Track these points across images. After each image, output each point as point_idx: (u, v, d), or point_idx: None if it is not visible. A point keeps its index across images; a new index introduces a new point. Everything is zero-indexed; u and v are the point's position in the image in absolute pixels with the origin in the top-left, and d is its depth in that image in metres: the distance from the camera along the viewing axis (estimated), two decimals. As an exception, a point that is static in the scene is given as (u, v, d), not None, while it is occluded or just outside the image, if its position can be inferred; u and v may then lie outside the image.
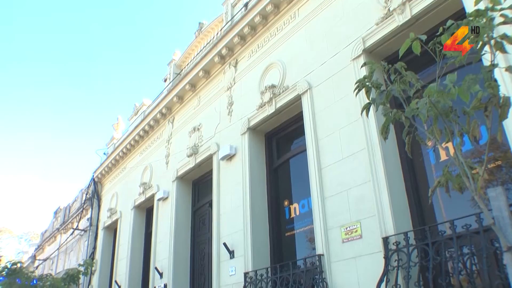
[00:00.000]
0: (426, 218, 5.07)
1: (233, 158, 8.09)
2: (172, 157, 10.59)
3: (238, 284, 7.03)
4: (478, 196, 2.09)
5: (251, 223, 7.12)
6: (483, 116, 2.24)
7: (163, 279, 9.62)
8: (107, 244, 14.39)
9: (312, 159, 6.24)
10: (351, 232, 5.37)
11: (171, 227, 9.79)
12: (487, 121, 2.06)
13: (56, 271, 18.02)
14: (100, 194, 15.62)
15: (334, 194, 5.76)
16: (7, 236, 47.05)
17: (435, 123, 2.16)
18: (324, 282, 5.45)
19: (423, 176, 5.27)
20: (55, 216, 22.33)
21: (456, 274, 4.14)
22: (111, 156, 14.54)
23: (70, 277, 11.37)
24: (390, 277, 4.70)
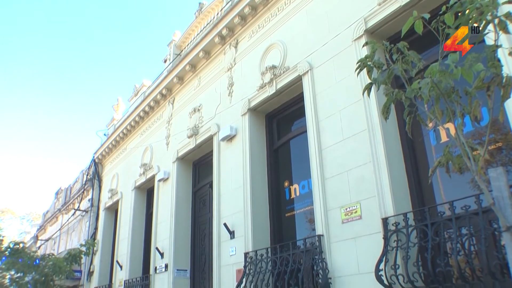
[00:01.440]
0: (425, 200, 5.09)
1: (233, 139, 8.09)
2: (173, 138, 10.59)
3: (238, 264, 7.11)
4: (478, 177, 2.09)
5: (252, 203, 7.16)
6: (485, 97, 2.23)
7: (164, 259, 9.72)
8: (108, 224, 14.50)
9: (312, 140, 6.24)
10: (351, 213, 5.40)
11: (172, 207, 9.85)
12: (489, 101, 2.05)
13: (58, 251, 18.20)
14: (100, 175, 15.67)
15: (334, 175, 5.77)
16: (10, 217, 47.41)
17: (436, 104, 2.15)
18: (324, 262, 5.50)
19: (423, 158, 5.28)
20: (57, 197, 22.45)
21: (455, 255, 4.17)
22: (111, 137, 14.54)
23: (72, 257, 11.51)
24: (389, 257, 4.74)
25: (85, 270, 14.66)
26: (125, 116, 14.00)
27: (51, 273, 11.44)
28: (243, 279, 6.69)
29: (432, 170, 2.38)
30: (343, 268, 5.34)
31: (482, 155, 2.06)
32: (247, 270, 6.72)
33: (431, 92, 2.06)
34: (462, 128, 2.26)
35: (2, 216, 46.76)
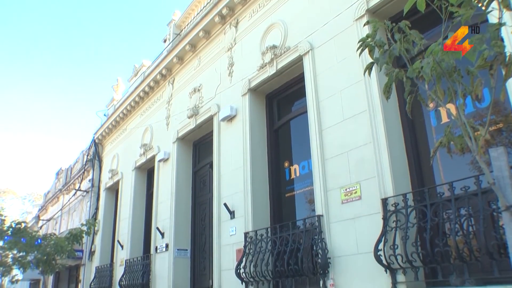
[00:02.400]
0: (425, 180, 5.10)
1: (233, 119, 8.07)
2: (173, 118, 10.56)
3: (238, 243, 7.17)
4: (479, 156, 2.08)
5: (252, 184, 7.18)
6: (486, 78, 2.21)
7: (165, 239, 9.80)
8: (109, 204, 14.58)
9: (312, 120, 6.22)
10: (351, 193, 5.42)
11: (172, 188, 9.89)
12: (492, 80, 2.03)
13: (59, 231, 18.36)
14: (101, 155, 15.69)
15: (334, 156, 5.77)
16: (11, 197, 47.70)
17: (438, 83, 2.13)
18: (323, 242, 5.54)
19: (423, 138, 5.27)
20: (57, 177, 22.53)
21: (453, 235, 4.20)
22: (111, 117, 14.51)
23: (73, 237, 11.63)
24: (388, 237, 4.77)
25: (87, 250, 14.80)
26: (125, 97, 13.94)
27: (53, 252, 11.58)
28: (243, 258, 6.76)
29: (433, 151, 2.38)
30: (342, 248, 5.38)
31: (483, 135, 2.05)
32: (247, 249, 6.78)
33: (433, 71, 2.04)
34: (463, 108, 2.25)
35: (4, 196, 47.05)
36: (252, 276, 6.50)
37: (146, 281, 10.09)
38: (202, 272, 9.11)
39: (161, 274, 9.68)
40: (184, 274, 9.33)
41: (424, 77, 2.17)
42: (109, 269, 12.81)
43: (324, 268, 5.42)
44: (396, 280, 4.66)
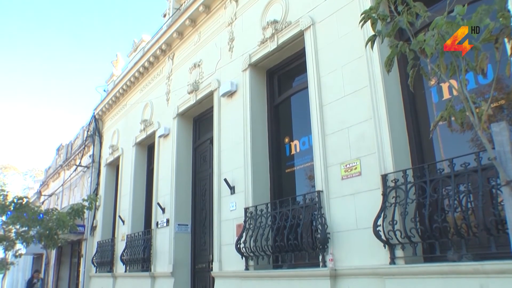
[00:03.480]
0: (425, 157, 5.10)
1: (234, 94, 8.03)
2: (173, 94, 10.51)
3: (238, 219, 7.22)
4: (481, 131, 2.07)
5: (252, 159, 7.19)
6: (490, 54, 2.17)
7: (165, 214, 9.88)
8: (109, 180, 14.64)
9: (313, 96, 6.19)
10: (351, 169, 5.43)
11: (173, 163, 9.91)
12: (497, 54, 2.00)
13: (61, 206, 18.48)
14: (101, 131, 15.68)
15: (335, 132, 5.76)
16: (13, 173, 47.91)
17: (441, 57, 2.09)
18: (323, 218, 5.58)
19: (424, 115, 5.25)
20: (58, 153, 22.57)
21: (452, 211, 4.22)
22: (111, 93, 14.44)
23: (75, 212, 11.72)
24: (387, 213, 4.80)
25: (88, 225, 14.94)
26: (124, 72, 13.84)
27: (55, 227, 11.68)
28: (243, 233, 6.82)
29: (433, 125, 2.36)
30: (342, 224, 5.42)
31: (486, 109, 2.03)
32: (247, 224, 6.83)
33: (437, 44, 2.00)
34: (466, 83, 2.22)
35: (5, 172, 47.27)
36: (252, 251, 6.57)
37: (147, 256, 10.21)
38: (203, 247, 9.21)
39: (162, 249, 9.80)
40: (185, 249, 9.44)
41: (427, 51, 2.14)
42: (111, 244, 12.96)
43: (324, 243, 5.47)
44: (394, 255, 4.70)
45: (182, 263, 9.31)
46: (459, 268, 4.01)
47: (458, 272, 4.02)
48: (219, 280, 7.56)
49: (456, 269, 4.03)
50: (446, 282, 4.11)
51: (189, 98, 9.60)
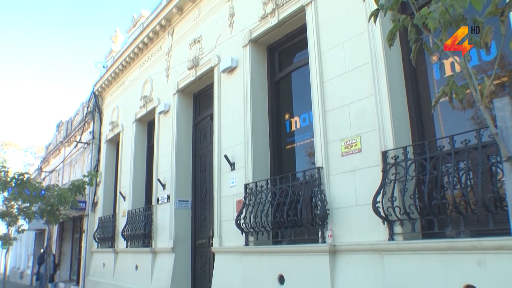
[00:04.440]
0: (426, 134, 5.09)
1: (234, 70, 7.97)
2: (173, 70, 10.44)
3: (238, 195, 7.26)
4: (483, 106, 2.05)
5: (252, 135, 7.19)
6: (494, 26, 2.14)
7: (166, 191, 9.93)
8: (110, 156, 14.68)
9: (314, 72, 6.14)
10: (351, 146, 5.42)
11: (173, 140, 9.92)
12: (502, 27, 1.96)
13: (62, 183, 18.57)
14: (101, 107, 15.64)
15: (336, 108, 5.74)
16: (13, 150, 48.00)
17: (444, 31, 2.06)
18: (323, 194, 5.60)
19: (425, 92, 5.21)
20: (58, 130, 22.55)
21: (451, 188, 4.23)
22: (110, 69, 14.34)
23: (76, 188, 11.77)
24: (387, 190, 4.82)
25: (89, 201, 15.05)
26: (123, 48, 13.71)
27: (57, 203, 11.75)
28: (243, 209, 6.86)
29: (435, 100, 2.34)
30: (341, 200, 5.45)
31: (489, 84, 2.01)
32: (247, 201, 6.88)
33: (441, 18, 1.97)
34: (469, 58, 2.19)
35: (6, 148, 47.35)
36: (252, 227, 6.63)
37: (148, 232, 10.31)
38: (203, 223, 9.29)
39: (162, 225, 9.89)
40: (185, 224, 9.53)
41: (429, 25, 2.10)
42: (112, 220, 13.08)
43: (323, 219, 5.51)
44: (393, 231, 4.74)
45: (183, 238, 9.41)
46: (457, 244, 4.05)
47: (455, 248, 4.06)
48: (219, 256, 7.66)
49: (454, 245, 4.07)
50: (444, 258, 4.15)
51: (189, 74, 9.53)
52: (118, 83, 14.23)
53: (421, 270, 4.34)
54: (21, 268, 27.89)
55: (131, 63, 13.08)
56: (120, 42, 15.96)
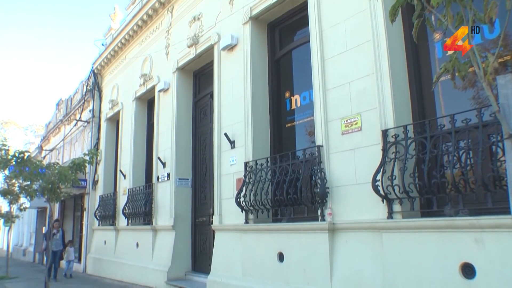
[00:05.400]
0: (426, 113, 5.08)
1: (234, 48, 7.89)
2: (172, 47, 10.34)
3: (238, 173, 7.28)
4: (486, 83, 2.03)
5: (252, 114, 7.16)
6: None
7: (166, 169, 9.96)
8: (110, 135, 14.67)
9: (315, 50, 6.08)
10: (351, 124, 5.41)
11: (173, 118, 9.89)
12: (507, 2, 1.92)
13: (62, 161, 18.59)
14: (100, 85, 15.56)
15: (336, 86, 5.70)
16: (13, 128, 47.91)
17: (448, 6, 2.02)
18: (322, 172, 5.61)
19: (427, 70, 5.17)
20: (58, 108, 22.47)
21: (451, 167, 4.24)
22: (109, 47, 14.21)
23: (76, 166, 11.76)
24: (387, 168, 4.82)
25: (90, 179, 15.10)
26: (122, 26, 13.55)
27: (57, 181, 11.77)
28: (243, 187, 6.89)
29: (436, 77, 2.32)
30: (341, 178, 5.46)
31: (492, 61, 1.98)
32: (247, 179, 6.89)
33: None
34: (472, 35, 2.16)
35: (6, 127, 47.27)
36: (252, 205, 6.67)
37: (149, 210, 10.38)
38: (203, 201, 9.34)
39: (163, 203, 9.95)
40: (186, 202, 9.58)
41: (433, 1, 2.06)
42: (113, 198, 13.16)
43: (323, 197, 5.54)
44: (392, 209, 4.76)
45: (183, 216, 9.47)
46: (455, 223, 4.07)
47: (453, 227, 4.08)
48: (219, 233, 7.72)
49: (452, 223, 4.10)
50: (442, 236, 4.18)
51: (188, 52, 9.44)
52: (117, 61, 14.12)
53: (419, 248, 4.38)
54: (24, 246, 28.18)
55: (130, 40, 12.95)
56: (119, 20, 15.75)
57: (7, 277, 13.90)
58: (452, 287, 4.01)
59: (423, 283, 4.28)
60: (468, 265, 3.93)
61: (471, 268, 3.91)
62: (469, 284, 3.90)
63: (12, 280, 13.01)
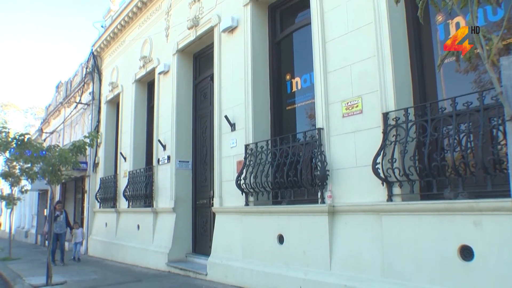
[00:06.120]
0: (428, 96, 5.06)
1: (234, 30, 7.82)
2: (172, 29, 10.25)
3: (239, 155, 7.29)
4: (490, 64, 2.01)
5: (253, 96, 7.14)
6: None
7: (167, 151, 9.97)
8: (110, 117, 14.65)
9: (316, 32, 6.03)
10: (352, 107, 5.39)
11: (173, 100, 9.86)
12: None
13: (63, 144, 18.60)
14: (100, 68, 15.47)
15: (337, 69, 5.67)
16: (13, 111, 47.82)
17: (452, -14, 1.99)
18: (323, 155, 5.62)
19: (429, 53, 5.13)
20: (57, 91, 22.38)
21: (451, 150, 4.24)
22: (109, 29, 14.08)
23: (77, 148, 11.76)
24: (387, 151, 4.82)
25: (91, 162, 15.12)
26: (122, 7, 13.40)
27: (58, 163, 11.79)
28: (243, 170, 6.90)
29: (441, 59, 2.30)
30: (341, 161, 5.47)
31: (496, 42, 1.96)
32: (247, 161, 6.90)
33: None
34: (476, 15, 2.13)
35: (6, 109, 47.18)
36: (252, 187, 6.69)
37: (149, 192, 10.42)
38: (203, 183, 9.37)
39: (163, 185, 9.98)
40: (186, 185, 9.62)
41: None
42: (113, 180, 13.19)
43: (323, 180, 5.55)
44: (392, 192, 4.78)
45: (184, 199, 9.52)
46: (454, 206, 4.09)
47: (453, 210, 4.10)
48: (219, 216, 7.76)
49: (451, 206, 4.12)
50: (441, 219, 4.21)
51: (189, 34, 9.37)
52: (117, 43, 14.01)
53: (419, 230, 4.41)
54: (26, 228, 28.39)
55: (130, 22, 12.84)
56: (118, 1, 15.56)
57: (10, 258, 14.03)
58: (450, 269, 4.05)
59: (422, 265, 4.32)
60: (467, 248, 3.97)
61: (470, 250, 3.94)
62: (467, 266, 3.93)
63: (14, 261, 13.13)
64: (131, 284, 7.77)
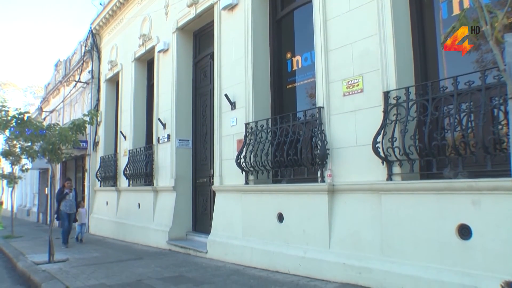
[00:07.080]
0: (429, 75, 5.03)
1: (235, 8, 7.72)
2: (172, 7, 10.12)
3: (239, 134, 7.28)
4: (494, 41, 1.98)
5: (253, 75, 7.10)
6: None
7: (167, 130, 9.95)
8: (110, 96, 14.59)
9: (317, 10, 5.95)
10: (353, 86, 5.36)
11: (173, 79, 9.81)
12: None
13: (63, 122, 18.57)
14: (99, 46, 15.33)
15: (338, 47, 5.61)
16: (12, 90, 47.58)
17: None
18: (323, 134, 5.61)
19: (431, 32, 5.08)
20: (56, 69, 22.23)
21: (452, 130, 4.23)
22: (107, 6, 13.90)
23: (76, 127, 11.73)
24: (387, 130, 4.82)
25: (91, 140, 15.12)
26: (121, -16, 13.21)
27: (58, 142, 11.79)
28: (243, 148, 6.91)
29: (444, 36, 2.27)
30: (342, 140, 5.46)
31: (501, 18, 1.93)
32: (248, 140, 6.90)
33: None
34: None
35: (5, 88, 46.94)
36: (252, 166, 6.70)
37: (150, 171, 10.45)
38: (204, 162, 9.39)
39: (163, 164, 10.00)
40: (186, 163, 9.64)
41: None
42: (114, 159, 13.22)
43: (323, 159, 5.56)
44: (392, 171, 4.79)
45: (184, 177, 9.55)
46: (453, 185, 4.11)
47: (452, 189, 4.12)
48: (219, 194, 7.80)
49: (450, 185, 4.13)
50: (440, 198, 4.23)
51: (188, 11, 9.25)
52: (116, 21, 13.85)
53: (417, 209, 4.44)
54: (28, 206, 28.59)
55: (129, 0, 12.66)
56: (117, -23, 15.33)
57: (13, 236, 14.16)
58: (448, 247, 4.09)
59: (420, 243, 4.36)
60: (465, 226, 4.00)
61: (468, 229, 3.97)
62: (465, 245, 3.97)
63: (17, 239, 13.26)
64: (132, 261, 7.86)
